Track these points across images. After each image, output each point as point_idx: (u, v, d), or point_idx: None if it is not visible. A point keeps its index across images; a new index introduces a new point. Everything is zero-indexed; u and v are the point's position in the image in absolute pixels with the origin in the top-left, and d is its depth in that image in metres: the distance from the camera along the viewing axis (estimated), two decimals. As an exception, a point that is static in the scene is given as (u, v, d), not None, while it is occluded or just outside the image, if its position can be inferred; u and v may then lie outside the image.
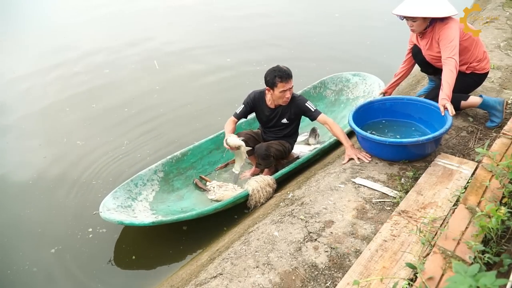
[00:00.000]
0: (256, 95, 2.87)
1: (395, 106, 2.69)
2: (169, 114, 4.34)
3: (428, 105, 2.51)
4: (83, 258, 2.55)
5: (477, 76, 2.70)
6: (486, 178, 1.78)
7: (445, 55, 2.41)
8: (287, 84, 2.64)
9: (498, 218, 1.35)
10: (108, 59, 6.01)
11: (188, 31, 7.22)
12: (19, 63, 6.10)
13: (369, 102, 2.72)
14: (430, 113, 2.49)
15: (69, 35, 7.34)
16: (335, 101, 3.96)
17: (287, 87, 2.65)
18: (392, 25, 4.41)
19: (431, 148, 2.31)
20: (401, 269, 1.50)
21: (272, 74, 2.64)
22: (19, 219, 2.92)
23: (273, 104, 2.82)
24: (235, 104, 4.29)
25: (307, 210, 2.04)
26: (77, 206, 2.99)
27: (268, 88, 2.72)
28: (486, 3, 6.09)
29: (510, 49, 3.98)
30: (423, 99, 2.58)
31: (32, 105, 4.72)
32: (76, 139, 3.89)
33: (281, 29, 7.01)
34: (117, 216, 2.40)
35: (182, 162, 3.13)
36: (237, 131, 3.33)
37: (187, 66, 5.63)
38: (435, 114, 2.43)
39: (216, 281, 1.69)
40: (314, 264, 1.67)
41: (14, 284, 2.42)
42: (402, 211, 1.85)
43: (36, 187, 3.25)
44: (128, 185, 2.76)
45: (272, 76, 2.63)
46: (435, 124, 2.41)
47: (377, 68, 4.53)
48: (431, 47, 2.59)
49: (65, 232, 2.75)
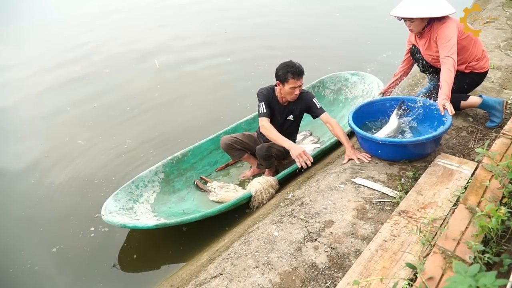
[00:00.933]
0: (268, 92, 2.77)
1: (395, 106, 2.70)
2: (170, 112, 4.36)
3: (428, 105, 2.51)
4: (84, 258, 2.55)
5: (476, 75, 2.70)
6: (486, 178, 1.78)
7: (443, 54, 2.41)
8: (298, 81, 2.61)
9: (498, 218, 1.35)
10: (108, 59, 6.02)
11: (189, 30, 7.23)
12: (19, 63, 6.11)
13: (369, 102, 2.72)
14: (430, 112, 2.50)
15: (69, 35, 7.36)
16: (333, 100, 3.96)
17: (298, 84, 2.62)
18: (393, 25, 4.40)
19: (431, 147, 2.31)
20: (401, 269, 1.50)
21: (285, 69, 2.60)
22: (21, 219, 2.92)
23: (282, 100, 2.79)
24: (237, 104, 4.34)
25: (307, 210, 2.04)
26: (79, 205, 3.00)
27: (278, 83, 2.67)
28: (486, 3, 6.09)
29: (510, 49, 3.98)
30: (422, 99, 2.58)
31: (33, 104, 4.74)
32: (78, 139, 3.90)
33: (282, 28, 7.02)
34: (119, 219, 2.39)
35: (183, 162, 3.13)
36: (237, 131, 3.34)
37: (188, 65, 5.65)
38: (435, 114, 2.43)
39: (216, 281, 1.69)
40: (314, 264, 1.67)
41: (16, 283, 2.42)
42: (402, 211, 1.85)
43: (38, 186, 3.26)
44: (129, 186, 2.76)
45: (285, 71, 2.59)
46: (435, 124, 2.41)
47: (377, 67, 4.53)
48: (430, 47, 2.59)
49: (66, 231, 2.76)
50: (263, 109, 2.71)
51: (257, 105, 2.75)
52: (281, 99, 2.78)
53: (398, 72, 3.03)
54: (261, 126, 2.71)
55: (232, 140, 2.93)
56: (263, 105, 2.71)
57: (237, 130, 3.39)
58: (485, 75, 2.74)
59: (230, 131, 3.36)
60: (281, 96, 2.76)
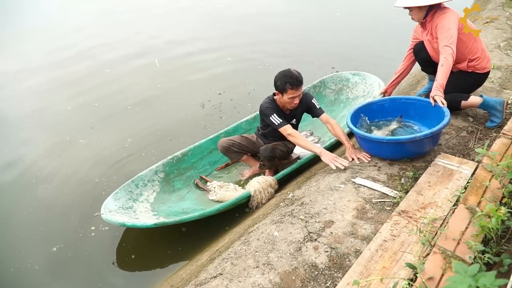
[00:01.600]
0: (271, 103, 2.73)
1: (394, 107, 2.70)
2: (172, 111, 4.38)
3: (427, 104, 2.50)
4: (84, 257, 2.56)
5: (478, 75, 2.71)
6: (486, 178, 1.78)
7: (442, 44, 2.43)
8: (297, 91, 2.58)
9: (498, 218, 1.35)
10: (108, 59, 6.03)
11: (189, 30, 7.24)
12: (19, 63, 6.12)
13: (367, 104, 2.72)
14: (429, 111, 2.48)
15: (68, 35, 7.37)
16: (334, 100, 3.96)
17: (297, 93, 2.60)
18: (394, 24, 4.41)
19: (429, 145, 2.30)
20: (401, 269, 1.50)
21: (283, 79, 2.56)
22: (21, 218, 2.93)
23: (284, 108, 2.77)
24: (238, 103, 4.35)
25: (307, 210, 2.04)
26: (80, 204, 3.01)
27: (277, 92, 2.67)
28: (486, 3, 6.08)
29: (510, 49, 3.98)
30: (422, 98, 2.58)
31: (33, 104, 4.74)
32: (79, 138, 3.91)
33: (283, 28, 7.03)
34: (119, 218, 2.40)
35: (183, 162, 3.13)
36: (237, 132, 3.35)
37: (188, 64, 5.66)
38: (434, 113, 2.42)
39: (216, 281, 1.69)
40: (314, 264, 1.67)
41: (16, 283, 2.43)
42: (402, 211, 1.85)
43: (38, 185, 3.26)
44: (129, 186, 2.76)
45: (283, 82, 2.56)
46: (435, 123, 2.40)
47: (378, 67, 4.54)
48: (432, 39, 2.61)
49: (67, 230, 2.76)
50: (278, 120, 2.65)
51: (269, 119, 2.67)
52: (283, 107, 2.77)
53: (399, 69, 3.04)
54: (288, 135, 2.65)
55: (229, 143, 2.94)
56: (275, 116, 2.66)
57: (238, 130, 3.39)
58: (486, 76, 2.74)
59: (231, 130, 3.36)
60: (282, 105, 2.76)
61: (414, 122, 2.66)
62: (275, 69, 2.70)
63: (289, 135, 2.65)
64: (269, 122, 2.71)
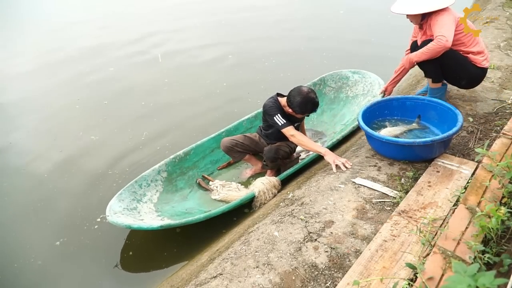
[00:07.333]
0: (275, 104, 2.74)
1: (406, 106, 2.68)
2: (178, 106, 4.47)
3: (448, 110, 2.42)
4: (86, 253, 2.59)
5: (475, 67, 2.63)
6: (486, 178, 1.79)
7: (436, 33, 2.43)
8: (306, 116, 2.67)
9: (498, 218, 1.35)
10: (111, 56, 6.10)
11: (189, 28, 7.28)
12: (26, 61, 6.18)
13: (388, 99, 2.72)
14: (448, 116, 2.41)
15: (68, 34, 7.40)
16: (334, 98, 3.96)
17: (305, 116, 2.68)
18: (396, 23, 4.40)
19: (439, 150, 2.25)
20: (401, 269, 1.51)
21: (305, 105, 2.57)
22: (31, 212, 2.99)
23: (288, 111, 2.76)
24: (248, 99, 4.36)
25: (307, 210, 2.04)
26: (91, 197, 3.08)
27: (288, 103, 2.65)
28: (486, 3, 6.08)
29: (510, 49, 3.97)
30: (440, 101, 2.50)
31: (43, 102, 4.81)
32: (90, 134, 3.98)
33: (285, 25, 7.04)
34: (124, 220, 2.39)
35: (185, 161, 3.13)
36: (238, 130, 3.35)
37: (190, 61, 5.74)
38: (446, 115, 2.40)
39: (216, 281, 1.69)
40: (314, 264, 1.67)
41: (20, 278, 2.45)
42: (402, 211, 1.85)
43: (50, 179, 3.34)
44: (133, 186, 2.76)
45: (304, 107, 2.58)
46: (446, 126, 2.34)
47: (380, 66, 4.53)
48: (426, 38, 2.62)
49: (73, 223, 2.82)
50: (283, 120, 2.66)
51: (273, 119, 2.68)
52: (287, 110, 2.76)
53: (399, 68, 3.04)
54: (290, 136, 2.65)
55: (232, 143, 2.95)
56: (280, 116, 2.66)
57: (239, 128, 3.39)
58: (484, 73, 2.68)
59: (232, 129, 3.36)
60: (286, 108, 2.74)
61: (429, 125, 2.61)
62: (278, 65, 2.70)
63: (292, 136, 2.65)
64: (272, 122, 2.71)
